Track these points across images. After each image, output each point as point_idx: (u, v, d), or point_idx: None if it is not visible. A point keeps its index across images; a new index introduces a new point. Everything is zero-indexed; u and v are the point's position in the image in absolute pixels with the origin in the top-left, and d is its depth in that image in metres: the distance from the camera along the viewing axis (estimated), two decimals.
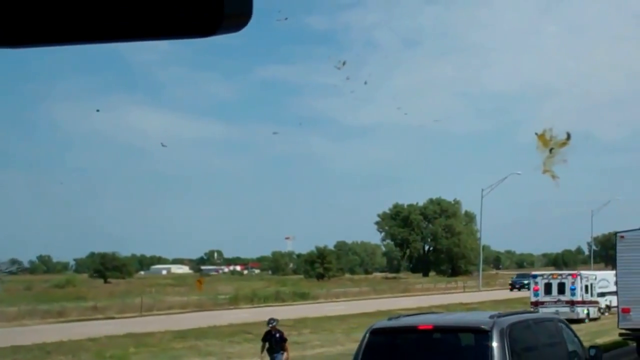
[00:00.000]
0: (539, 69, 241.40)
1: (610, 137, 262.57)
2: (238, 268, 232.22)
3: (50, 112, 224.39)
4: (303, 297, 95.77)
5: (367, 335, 12.51)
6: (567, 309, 53.07)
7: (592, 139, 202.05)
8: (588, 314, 54.71)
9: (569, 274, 54.98)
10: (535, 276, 55.54)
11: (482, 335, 11.80)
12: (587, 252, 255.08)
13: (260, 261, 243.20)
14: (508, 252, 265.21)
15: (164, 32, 2.45)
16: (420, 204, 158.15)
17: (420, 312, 16.48)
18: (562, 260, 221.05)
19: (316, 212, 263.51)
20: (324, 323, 49.31)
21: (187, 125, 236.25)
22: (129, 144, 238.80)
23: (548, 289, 54.31)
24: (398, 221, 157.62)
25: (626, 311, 31.33)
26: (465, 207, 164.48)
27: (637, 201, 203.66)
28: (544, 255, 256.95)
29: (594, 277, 56.84)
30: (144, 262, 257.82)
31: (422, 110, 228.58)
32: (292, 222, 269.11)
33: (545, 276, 55.11)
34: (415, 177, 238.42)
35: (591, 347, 15.52)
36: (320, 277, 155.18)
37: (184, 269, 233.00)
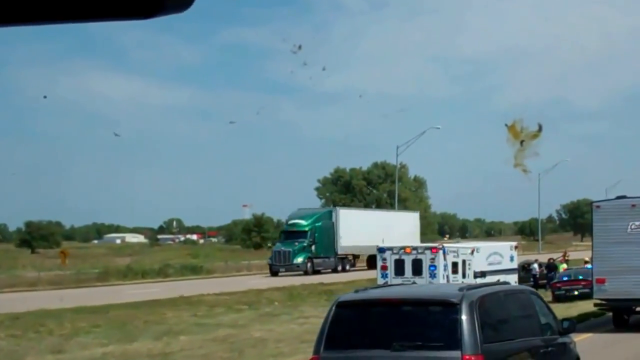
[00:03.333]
0: (513, 32, 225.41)
1: (584, 103, 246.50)
2: (195, 237, 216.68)
3: (9, 77, 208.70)
4: (194, 271, 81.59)
5: (334, 308, 12.03)
6: None
7: (565, 104, 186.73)
8: None
9: (427, 248, 39.35)
10: (382, 250, 39.77)
11: (450, 308, 11.56)
12: (557, 220, 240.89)
13: (219, 230, 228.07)
14: (477, 220, 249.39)
15: (100, 13, 2.26)
16: (364, 168, 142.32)
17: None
18: (530, 229, 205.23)
19: (280, 180, 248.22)
20: (53, 319, 33.88)
21: (151, 90, 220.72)
22: (92, 110, 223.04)
23: (400, 267, 39.10)
24: (339, 186, 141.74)
25: (601, 281, 30.76)
26: (416, 173, 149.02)
27: (614, 168, 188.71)
28: (515, 223, 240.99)
29: (467, 252, 41.06)
30: (102, 231, 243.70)
31: (394, 76, 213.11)
32: (254, 189, 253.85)
33: (395, 250, 39.39)
34: (383, 143, 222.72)
35: (564, 319, 15.04)
36: (257, 246, 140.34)
37: (140, 238, 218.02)
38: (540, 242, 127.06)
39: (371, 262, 71.81)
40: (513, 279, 46.71)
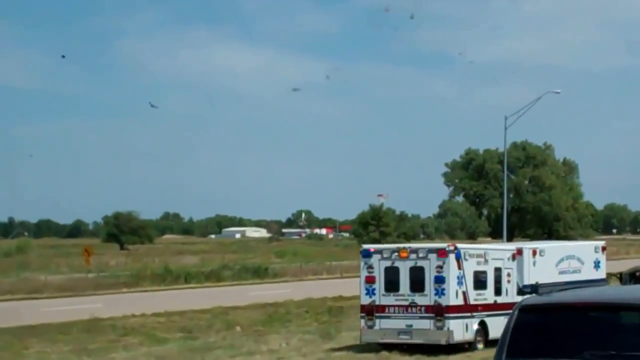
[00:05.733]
0: None
1: None
2: (324, 231, 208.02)
3: (123, 50, 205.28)
4: (257, 274, 73.87)
5: (516, 312, 11.93)
6: (427, 324, 28.18)
7: None
8: (481, 334, 29.31)
9: (433, 250, 28.65)
10: (367, 253, 29.33)
11: None
12: None
13: (353, 223, 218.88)
14: None
15: None
16: (502, 148, 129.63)
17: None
18: None
19: (424, 166, 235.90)
20: None
21: (281, 63, 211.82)
22: (217, 85, 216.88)
23: (392, 279, 28.86)
24: (470, 171, 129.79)
25: None
26: (566, 155, 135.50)
27: None
28: None
29: (505, 256, 30.40)
30: (224, 224, 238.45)
31: (558, 43, 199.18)
32: (395, 177, 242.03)
33: (385, 253, 28.90)
34: (529, 121, 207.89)
35: None
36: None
37: (262, 233, 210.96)
38: None
39: None
40: None
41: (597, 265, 37.00)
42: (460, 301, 28.48)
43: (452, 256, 28.32)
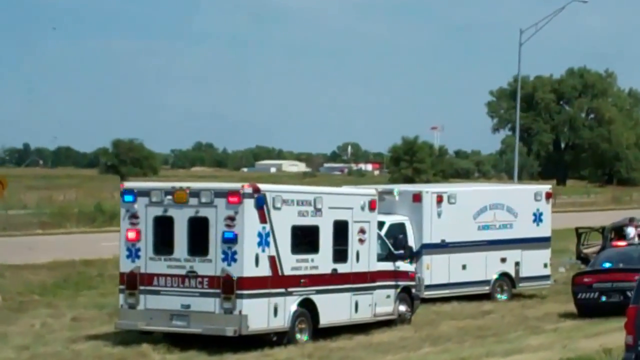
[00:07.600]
0: None
1: None
2: (369, 167, 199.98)
3: None
4: None
5: None
6: (210, 305, 20.50)
7: None
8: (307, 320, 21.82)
9: (220, 192, 20.13)
10: (130, 195, 20.97)
11: None
12: None
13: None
14: None
15: None
16: (556, 76, 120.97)
17: None
18: None
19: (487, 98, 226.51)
20: None
21: None
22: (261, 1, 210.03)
23: (164, 236, 20.39)
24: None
25: None
26: (632, 85, 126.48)
27: None
28: None
29: (360, 202, 22.19)
30: (261, 156, 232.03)
31: None
32: (454, 109, 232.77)
33: (155, 196, 20.54)
34: (605, 50, 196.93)
35: None
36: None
37: (299, 167, 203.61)
38: None
39: None
40: (542, 256, 31.38)
41: (538, 218, 30.69)
42: (264, 271, 20.37)
43: (248, 202, 20.10)
